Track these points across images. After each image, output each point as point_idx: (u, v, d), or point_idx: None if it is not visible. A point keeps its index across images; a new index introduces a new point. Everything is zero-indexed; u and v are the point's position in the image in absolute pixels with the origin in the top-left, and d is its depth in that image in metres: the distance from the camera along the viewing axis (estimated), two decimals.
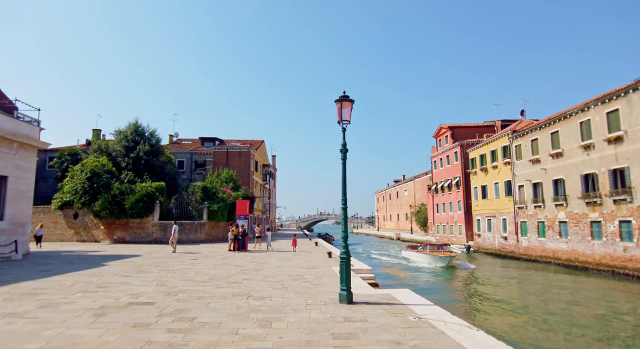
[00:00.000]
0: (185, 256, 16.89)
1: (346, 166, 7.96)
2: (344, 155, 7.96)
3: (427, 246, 27.91)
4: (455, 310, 12.28)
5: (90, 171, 26.37)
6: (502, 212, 30.41)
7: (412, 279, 20.64)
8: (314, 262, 15.13)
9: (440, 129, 43.45)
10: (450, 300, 15.62)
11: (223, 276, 10.76)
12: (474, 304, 14.94)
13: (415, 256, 27.78)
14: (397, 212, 75.99)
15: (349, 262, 7.58)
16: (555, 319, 12.24)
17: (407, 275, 22.32)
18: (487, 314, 13.19)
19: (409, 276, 21.80)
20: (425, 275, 22.33)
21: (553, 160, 24.14)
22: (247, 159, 40.18)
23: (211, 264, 13.85)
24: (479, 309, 14.07)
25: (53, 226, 27.85)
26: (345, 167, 7.95)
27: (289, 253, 18.99)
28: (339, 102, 7.99)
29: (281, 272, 11.92)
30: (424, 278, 21.31)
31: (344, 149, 7.96)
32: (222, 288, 8.97)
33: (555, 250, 23.88)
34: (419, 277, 21.77)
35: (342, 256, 7.59)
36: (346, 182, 7.92)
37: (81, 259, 14.89)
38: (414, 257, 28.02)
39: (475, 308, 14.34)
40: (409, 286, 17.05)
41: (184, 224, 27.07)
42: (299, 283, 9.92)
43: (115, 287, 8.79)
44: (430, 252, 26.06)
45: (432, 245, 28.04)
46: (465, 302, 15.50)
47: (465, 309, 14.09)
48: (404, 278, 21.01)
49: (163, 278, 10.23)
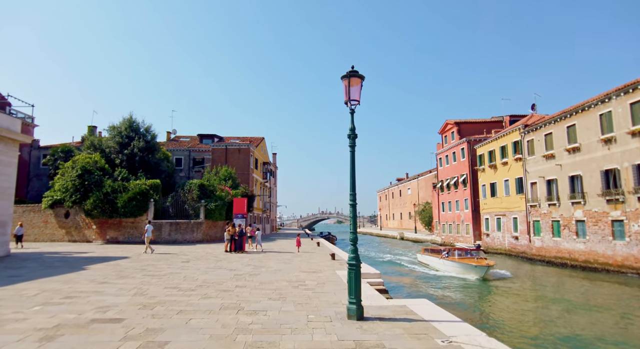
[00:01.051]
0: (177, 257, 15.65)
1: (355, 155, 6.68)
2: (352, 141, 6.67)
3: (455, 250, 22.01)
4: (490, 329, 10.77)
5: (81, 167, 25.16)
6: (513, 211, 29.06)
7: (427, 286, 18.23)
8: (316, 265, 13.87)
9: (446, 125, 42.07)
10: (479, 313, 13.25)
11: (213, 283, 9.50)
12: (511, 322, 11.88)
13: (438, 263, 22.65)
14: (400, 211, 74.64)
15: (359, 270, 6.30)
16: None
17: (422, 282, 19.31)
18: (531, 337, 10.24)
19: (423, 283, 19.07)
20: (444, 281, 19.48)
21: (569, 155, 22.77)
22: (246, 157, 38.94)
23: (203, 267, 12.60)
24: (520, 328, 11.08)
25: (43, 226, 26.69)
26: (354, 156, 6.67)
27: (289, 255, 17.74)
28: (346, 78, 6.70)
29: (279, 277, 10.66)
30: (440, 284, 18.76)
31: (352, 134, 6.67)
32: (210, 298, 7.70)
33: (571, 251, 22.54)
34: (434, 282, 19.11)
35: (351, 262, 6.31)
36: (355, 174, 6.64)
37: (62, 262, 13.67)
38: (435, 264, 23.06)
39: (516, 327, 11.28)
40: (424, 295, 15.54)
41: (179, 224, 25.85)
42: (299, 290, 8.65)
43: (85, 297, 7.54)
44: (460, 260, 20.72)
45: (461, 250, 22.22)
46: (498, 317, 12.60)
47: (500, 327, 11.24)
48: (418, 285, 18.36)
49: (144, 285, 8.97)
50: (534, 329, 11.10)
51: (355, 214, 6.60)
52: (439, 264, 22.53)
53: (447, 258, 21.57)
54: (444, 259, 21.74)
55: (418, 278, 20.73)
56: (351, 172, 6.61)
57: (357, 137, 6.72)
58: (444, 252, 22.41)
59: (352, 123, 6.73)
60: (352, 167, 6.61)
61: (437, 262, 22.84)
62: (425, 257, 25.06)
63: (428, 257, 24.61)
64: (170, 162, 36.27)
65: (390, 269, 24.08)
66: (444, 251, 22.72)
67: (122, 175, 26.83)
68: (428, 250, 25.74)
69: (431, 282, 19.45)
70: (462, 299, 15.48)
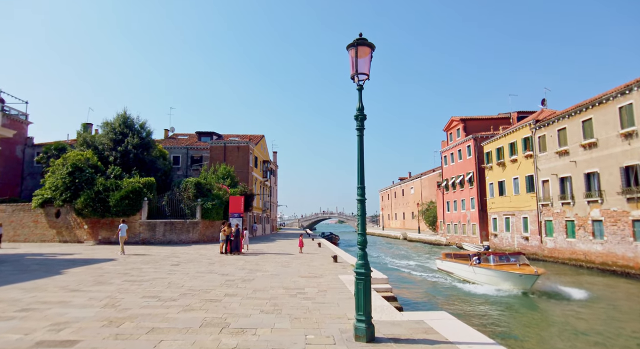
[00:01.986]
0: (168, 260, 14.54)
1: (363, 140, 5.53)
2: (360, 123, 5.51)
3: (490, 255, 17.34)
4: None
5: (72, 165, 24.08)
6: (523, 210, 27.84)
7: (454, 301, 14.68)
8: (317, 268, 12.72)
9: (451, 122, 40.85)
10: (510, 331, 10.86)
11: (200, 290, 8.37)
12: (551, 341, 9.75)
13: (467, 271, 18.44)
14: (403, 211, 73.42)
15: (370, 280, 5.14)
16: None
17: (446, 296, 15.72)
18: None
19: (448, 297, 15.47)
20: (475, 293, 15.55)
21: (585, 151, 21.54)
22: (245, 155, 37.83)
23: (193, 271, 11.47)
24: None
25: (34, 226, 25.65)
26: (363, 142, 5.52)
27: (288, 256, 16.59)
28: (352, 48, 5.55)
29: (276, 283, 9.52)
30: (471, 298, 15.19)
31: (360, 115, 5.51)
32: (192, 310, 6.57)
33: (587, 252, 21.32)
34: (462, 296, 15.41)
35: (360, 271, 5.15)
36: (364, 163, 5.48)
37: (41, 265, 12.57)
38: (462, 273, 18.95)
39: None
40: (437, 306, 13.95)
41: (174, 224, 24.75)
42: (297, 300, 7.51)
43: (44, 310, 6.41)
44: (497, 267, 16.23)
45: (497, 254, 17.52)
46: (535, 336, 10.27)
47: None
48: (441, 300, 14.81)
49: (120, 294, 7.84)
50: None
51: (364, 211, 5.44)
52: (467, 273, 18.36)
53: (478, 265, 17.44)
54: (475, 266, 17.60)
55: (441, 290, 16.93)
56: (359, 161, 5.45)
57: (365, 118, 5.57)
58: (474, 258, 18.06)
59: (359, 102, 5.58)
60: (360, 155, 5.45)
61: (465, 270, 18.66)
62: (448, 264, 20.83)
63: (452, 264, 20.36)
64: (168, 160, 35.18)
65: (401, 276, 20.68)
66: (474, 256, 18.36)
67: (115, 173, 25.77)
68: (451, 255, 21.53)
69: (458, 295, 15.82)
70: (497, 318, 12.29)
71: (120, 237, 16.72)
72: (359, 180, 5.46)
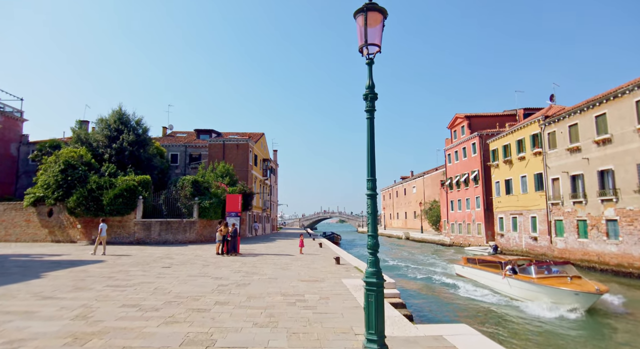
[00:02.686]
0: (160, 261, 13.68)
1: (374, 124, 4.64)
2: (370, 104, 4.62)
3: (532, 266, 13.94)
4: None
5: (64, 162, 23.23)
6: (531, 209, 26.90)
7: (481, 318, 12.28)
8: (318, 271, 11.84)
9: (455, 119, 39.88)
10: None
11: (188, 297, 7.50)
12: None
13: (498, 283, 15.26)
14: (405, 210, 72.48)
15: (382, 293, 4.25)
16: None
17: (470, 313, 12.94)
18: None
19: (473, 314, 12.74)
20: (507, 309, 12.98)
21: (598, 148, 20.60)
22: (245, 153, 36.96)
23: (184, 274, 10.61)
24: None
25: (25, 225, 24.84)
26: (373, 126, 4.63)
27: (288, 258, 15.72)
28: (361, 14, 4.66)
29: (274, 288, 8.64)
30: (476, 304, 13.87)
31: (370, 93, 4.62)
32: (175, 323, 5.70)
33: (600, 253, 20.39)
34: (492, 311, 13.05)
35: (370, 280, 4.26)
36: (374, 151, 4.59)
37: (22, 268, 11.72)
38: (491, 283, 15.90)
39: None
40: (453, 317, 12.83)
41: (170, 223, 23.90)
42: (296, 310, 6.63)
43: (2, 324, 5.54)
44: (541, 281, 12.96)
45: (538, 264, 14.23)
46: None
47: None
48: (464, 317, 12.17)
49: (97, 302, 6.98)
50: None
51: (375, 208, 4.55)
52: (498, 284, 15.28)
53: (514, 276, 14.28)
54: (510, 277, 14.44)
55: (464, 303, 14.04)
56: (369, 148, 4.56)
57: (376, 97, 4.67)
58: (508, 267, 14.78)
59: (370, 78, 4.69)
60: (371, 142, 4.56)
61: (494, 280, 15.62)
62: (471, 270, 17.82)
63: (476, 271, 17.30)
64: (165, 159, 34.36)
65: (405, 279, 19.36)
66: (507, 264, 15.11)
67: (109, 170, 24.89)
68: (474, 261, 18.22)
69: (484, 308, 13.16)
70: (533, 337, 10.25)
71: (100, 238, 16.08)
72: (369, 171, 4.57)
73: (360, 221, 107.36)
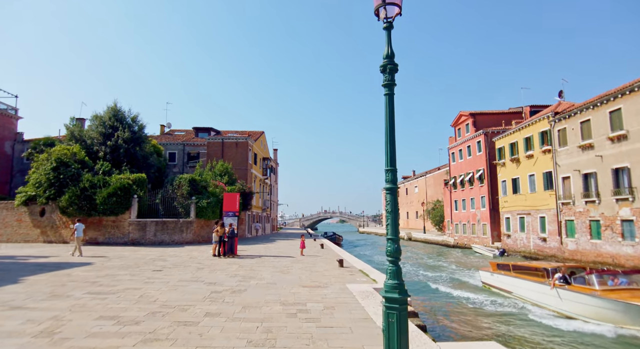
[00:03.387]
0: (152, 264, 12.84)
1: (394, 102, 3.78)
2: (389, 77, 3.77)
3: (592, 274, 11.26)
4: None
5: (56, 159, 22.40)
6: (540, 209, 26.01)
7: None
8: (320, 275, 10.99)
9: (459, 117, 39.00)
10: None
11: (176, 307, 6.64)
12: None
13: (541, 294, 12.54)
14: (407, 210, 71.59)
15: (406, 312, 3.40)
16: None
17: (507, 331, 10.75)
18: None
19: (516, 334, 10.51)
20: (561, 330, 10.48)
21: (613, 144, 19.72)
22: (244, 151, 36.11)
23: (175, 279, 9.76)
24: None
25: (17, 225, 23.99)
26: (393, 104, 3.78)
27: (288, 260, 14.86)
28: None
29: (272, 296, 7.79)
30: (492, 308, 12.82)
31: (389, 63, 3.77)
32: (156, 341, 4.85)
33: (615, 255, 19.51)
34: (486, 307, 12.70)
35: (391, 296, 3.40)
36: (394, 135, 3.74)
37: (2, 272, 10.87)
38: (533, 295, 13.00)
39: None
40: (472, 331, 11.83)
41: (166, 223, 23.07)
42: (297, 323, 5.78)
43: None
44: (609, 294, 10.31)
45: (601, 273, 11.44)
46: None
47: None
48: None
49: (71, 314, 6.13)
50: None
51: (396, 205, 3.69)
52: (544, 296, 12.40)
53: (567, 287, 11.56)
54: (561, 288, 11.66)
55: (492, 319, 11.81)
56: (389, 132, 3.71)
57: (397, 69, 3.82)
58: (558, 275, 12.07)
59: (388, 46, 3.83)
60: (391, 124, 3.71)
61: (538, 291, 12.73)
62: (504, 279, 14.77)
63: (511, 280, 14.30)
64: (163, 157, 33.58)
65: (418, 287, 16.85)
66: (555, 271, 12.42)
67: (103, 168, 24.06)
68: (507, 267, 15.03)
69: (520, 327, 10.86)
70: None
71: (76, 238, 15.35)
72: (389, 160, 3.71)
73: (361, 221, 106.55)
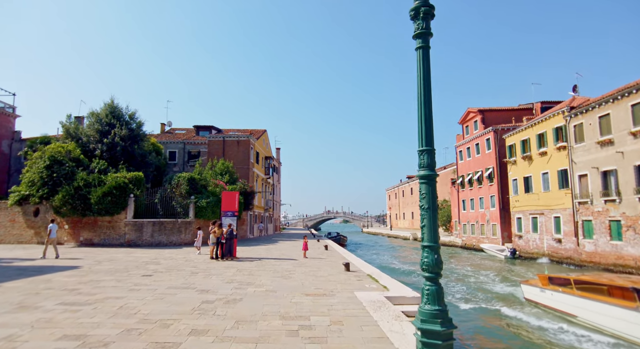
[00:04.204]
0: (144, 268, 11.90)
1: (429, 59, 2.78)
2: (422, 25, 2.76)
3: None
4: None
5: (50, 157, 21.59)
6: (554, 209, 24.85)
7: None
8: (325, 280, 9.98)
9: (467, 114, 37.85)
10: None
11: (157, 323, 5.67)
12: None
13: (623, 322, 9.42)
14: (412, 210, 70.42)
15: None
16: None
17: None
18: None
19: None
20: None
21: (635, 140, 18.57)
22: (246, 149, 35.18)
23: (164, 286, 8.80)
24: None
25: (10, 225, 23.23)
26: (429, 61, 2.77)
27: (290, 263, 13.87)
28: None
29: (271, 307, 6.79)
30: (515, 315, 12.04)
31: (423, 7, 2.76)
32: None
33: (638, 257, 18.34)
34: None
35: (430, 329, 2.39)
36: (431, 101, 2.73)
37: None
38: (610, 322, 9.82)
39: None
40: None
41: (164, 223, 22.18)
42: (298, 345, 4.78)
43: None
44: None
45: None
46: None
47: None
48: None
49: (28, 332, 5.16)
50: None
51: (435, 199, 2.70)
52: (626, 324, 9.35)
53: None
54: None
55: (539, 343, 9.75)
56: (423, 100, 2.73)
57: (433, 15, 2.81)
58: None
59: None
60: (426, 87, 2.72)
61: (616, 317, 9.63)
62: (561, 297, 11.58)
63: (573, 299, 11.09)
64: (162, 155, 32.74)
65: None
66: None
67: (99, 167, 23.23)
68: (566, 282, 11.69)
69: None
70: None
71: (49, 239, 14.71)
72: (423, 138, 2.77)
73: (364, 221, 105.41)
